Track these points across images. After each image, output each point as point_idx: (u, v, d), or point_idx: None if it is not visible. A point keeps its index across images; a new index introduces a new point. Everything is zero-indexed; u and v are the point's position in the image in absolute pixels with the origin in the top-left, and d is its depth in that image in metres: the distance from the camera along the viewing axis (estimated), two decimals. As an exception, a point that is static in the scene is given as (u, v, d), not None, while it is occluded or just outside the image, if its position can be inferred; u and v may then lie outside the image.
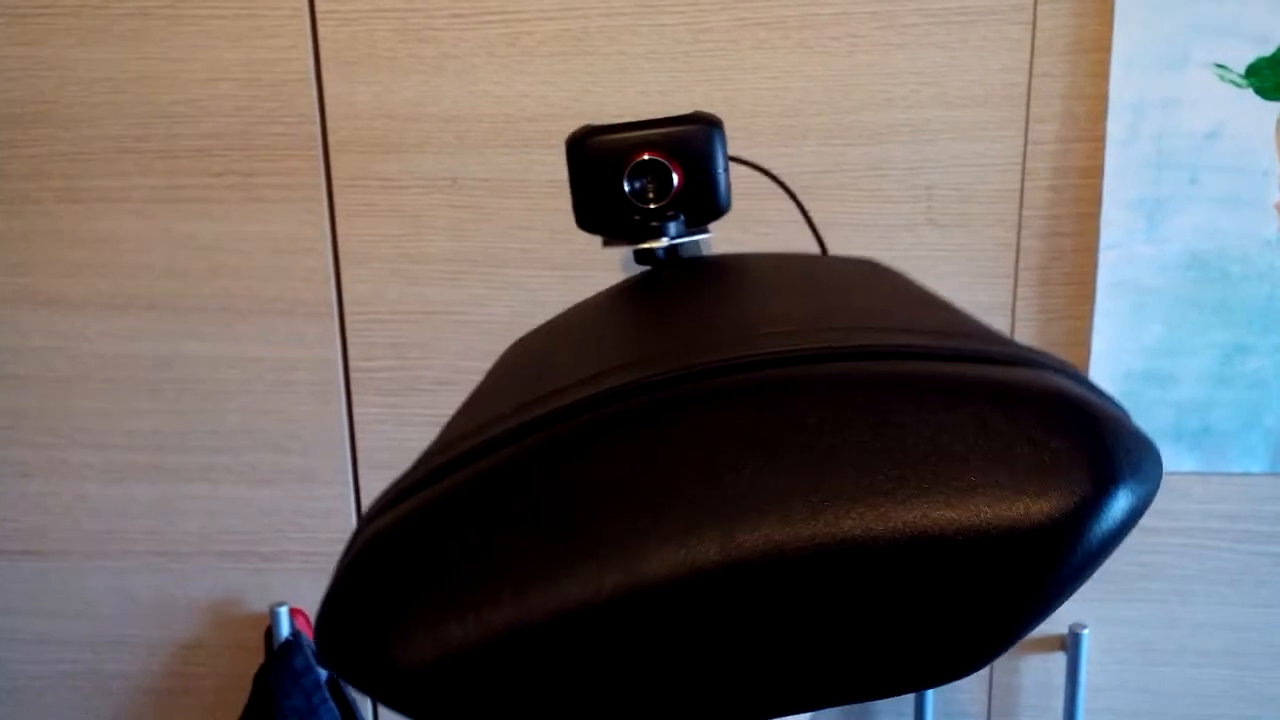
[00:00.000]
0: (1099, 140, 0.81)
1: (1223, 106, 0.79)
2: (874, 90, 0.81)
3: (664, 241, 0.44)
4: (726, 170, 0.45)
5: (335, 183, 0.87)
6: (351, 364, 0.90)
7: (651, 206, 0.44)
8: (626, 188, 0.44)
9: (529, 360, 0.38)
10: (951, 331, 0.33)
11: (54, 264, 0.90)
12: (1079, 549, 0.28)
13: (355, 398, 0.91)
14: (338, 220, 0.88)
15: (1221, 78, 0.78)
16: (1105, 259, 0.82)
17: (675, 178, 0.44)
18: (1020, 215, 0.83)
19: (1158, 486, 0.31)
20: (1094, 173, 0.81)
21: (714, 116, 0.45)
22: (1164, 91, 0.79)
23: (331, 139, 0.86)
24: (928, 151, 0.82)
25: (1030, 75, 0.80)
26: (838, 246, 0.85)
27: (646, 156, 0.44)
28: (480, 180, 0.86)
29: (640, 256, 0.45)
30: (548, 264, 0.86)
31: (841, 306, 0.35)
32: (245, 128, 0.86)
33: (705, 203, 0.45)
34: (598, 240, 0.48)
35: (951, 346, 0.31)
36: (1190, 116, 0.79)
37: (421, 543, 0.28)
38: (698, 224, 0.45)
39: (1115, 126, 0.79)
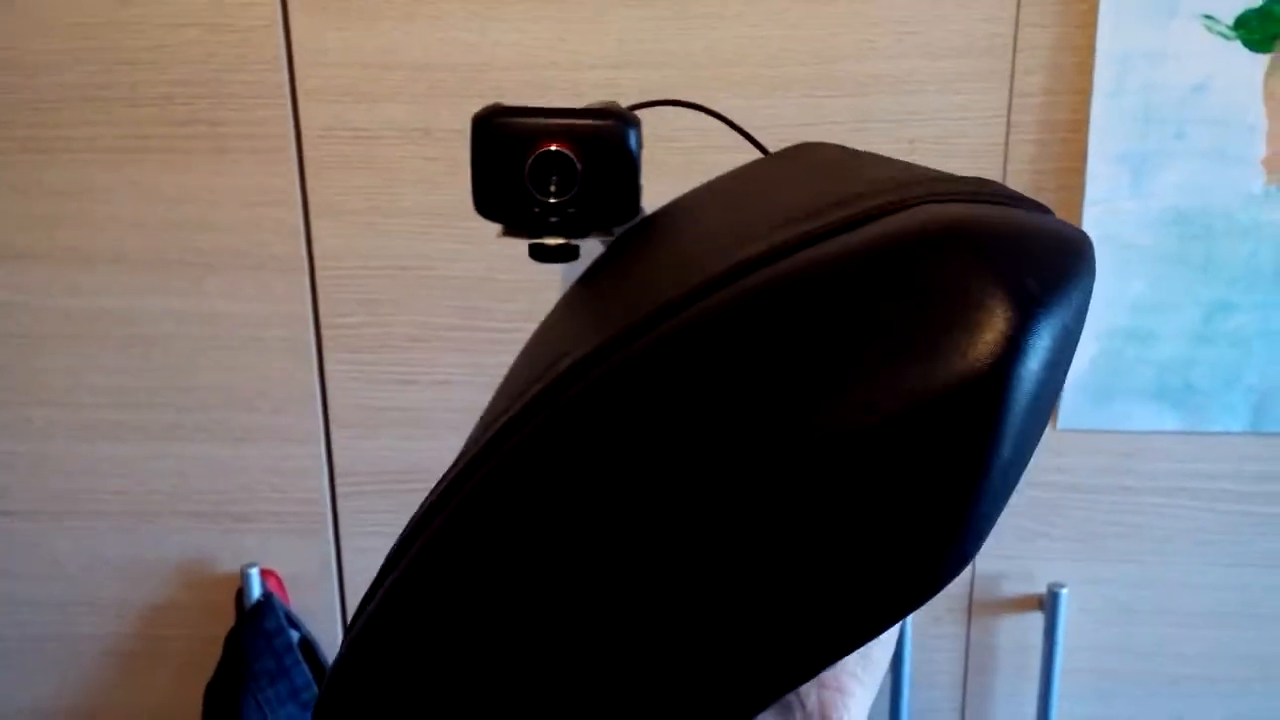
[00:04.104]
0: (1085, 93, 0.79)
1: (1210, 59, 0.77)
2: (857, 39, 0.80)
3: (558, 240, 0.41)
4: (637, 171, 0.42)
5: (304, 133, 0.85)
6: (323, 320, 0.89)
7: (551, 201, 0.41)
8: (528, 177, 0.41)
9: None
10: (827, 205, 0.30)
11: (16, 216, 0.88)
12: (1012, 394, 0.25)
13: (326, 354, 0.89)
14: (307, 172, 0.86)
15: (1210, 29, 0.77)
16: (1090, 214, 0.81)
17: (578, 173, 0.41)
18: (1005, 169, 0.82)
19: (1090, 287, 0.28)
20: (1079, 126, 0.80)
21: (630, 114, 0.42)
22: (1151, 43, 0.77)
23: (300, 88, 0.84)
24: (911, 103, 0.81)
25: (1016, 25, 0.79)
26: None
27: (553, 147, 0.40)
28: (453, 131, 0.84)
29: (535, 251, 0.42)
30: (523, 217, 0.84)
31: (721, 229, 0.33)
32: (212, 75, 0.84)
33: (612, 203, 0.41)
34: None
35: (816, 227, 0.29)
36: (1177, 69, 0.78)
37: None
38: (603, 224, 0.42)
39: (1102, 78, 0.78)
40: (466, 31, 0.81)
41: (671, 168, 0.83)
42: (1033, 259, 0.27)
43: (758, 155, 0.53)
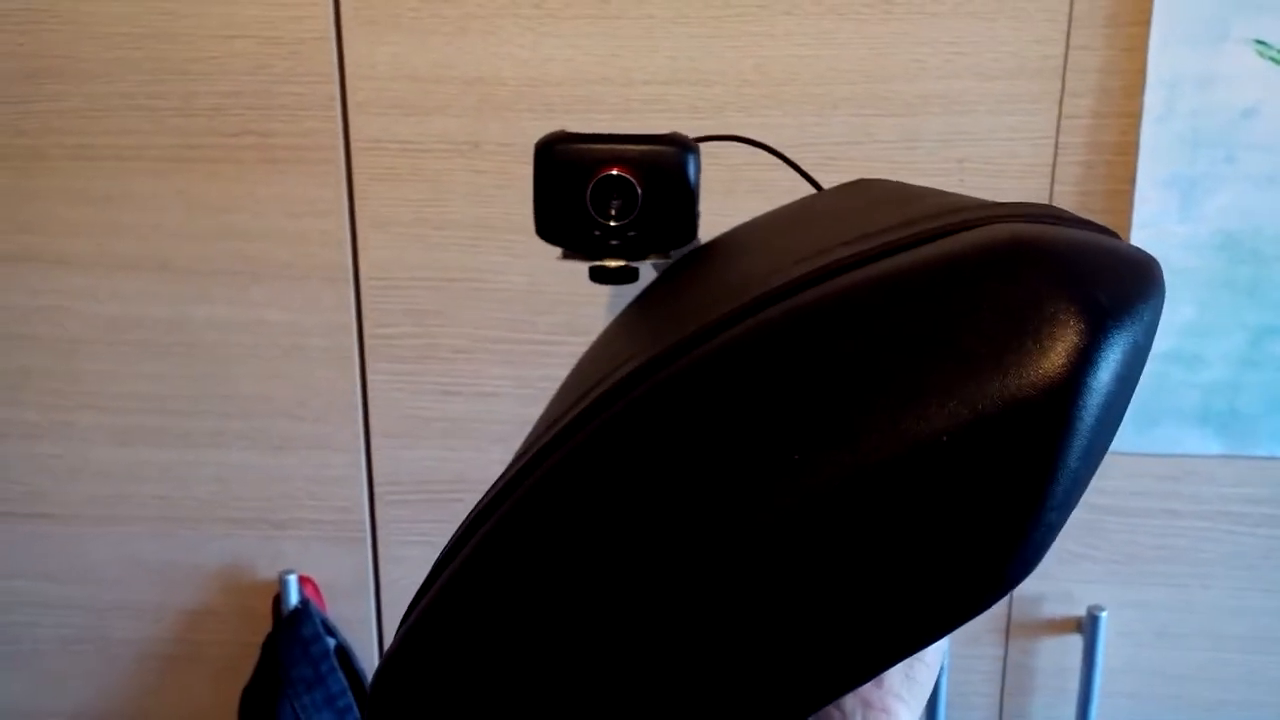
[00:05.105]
0: (1134, 116, 0.79)
1: (1261, 83, 0.77)
2: (907, 60, 0.80)
3: (618, 262, 0.43)
4: (695, 196, 0.43)
5: (353, 145, 0.85)
6: (366, 330, 0.89)
7: (612, 224, 0.42)
8: (589, 201, 0.43)
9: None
10: (889, 227, 0.31)
11: (64, 223, 0.88)
12: (1083, 404, 0.25)
13: (369, 365, 0.90)
14: (355, 183, 0.86)
15: (1261, 54, 0.77)
16: (1137, 238, 0.81)
17: (639, 197, 0.42)
18: (1052, 191, 0.82)
19: (1159, 307, 0.28)
20: (1128, 149, 0.80)
21: (690, 141, 0.43)
22: (1202, 67, 0.77)
23: (351, 100, 0.84)
24: (961, 124, 0.81)
25: (1066, 48, 0.79)
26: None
27: (614, 172, 0.42)
28: (502, 145, 0.84)
29: (595, 273, 0.44)
30: (570, 231, 0.85)
31: (786, 247, 0.34)
32: (263, 87, 0.85)
33: (670, 226, 0.43)
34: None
35: (886, 241, 0.29)
36: (1228, 93, 0.78)
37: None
38: (661, 247, 0.44)
39: (1151, 102, 0.78)
40: (519, 47, 0.82)
41: (719, 183, 0.83)
42: (1104, 275, 0.27)
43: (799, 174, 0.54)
